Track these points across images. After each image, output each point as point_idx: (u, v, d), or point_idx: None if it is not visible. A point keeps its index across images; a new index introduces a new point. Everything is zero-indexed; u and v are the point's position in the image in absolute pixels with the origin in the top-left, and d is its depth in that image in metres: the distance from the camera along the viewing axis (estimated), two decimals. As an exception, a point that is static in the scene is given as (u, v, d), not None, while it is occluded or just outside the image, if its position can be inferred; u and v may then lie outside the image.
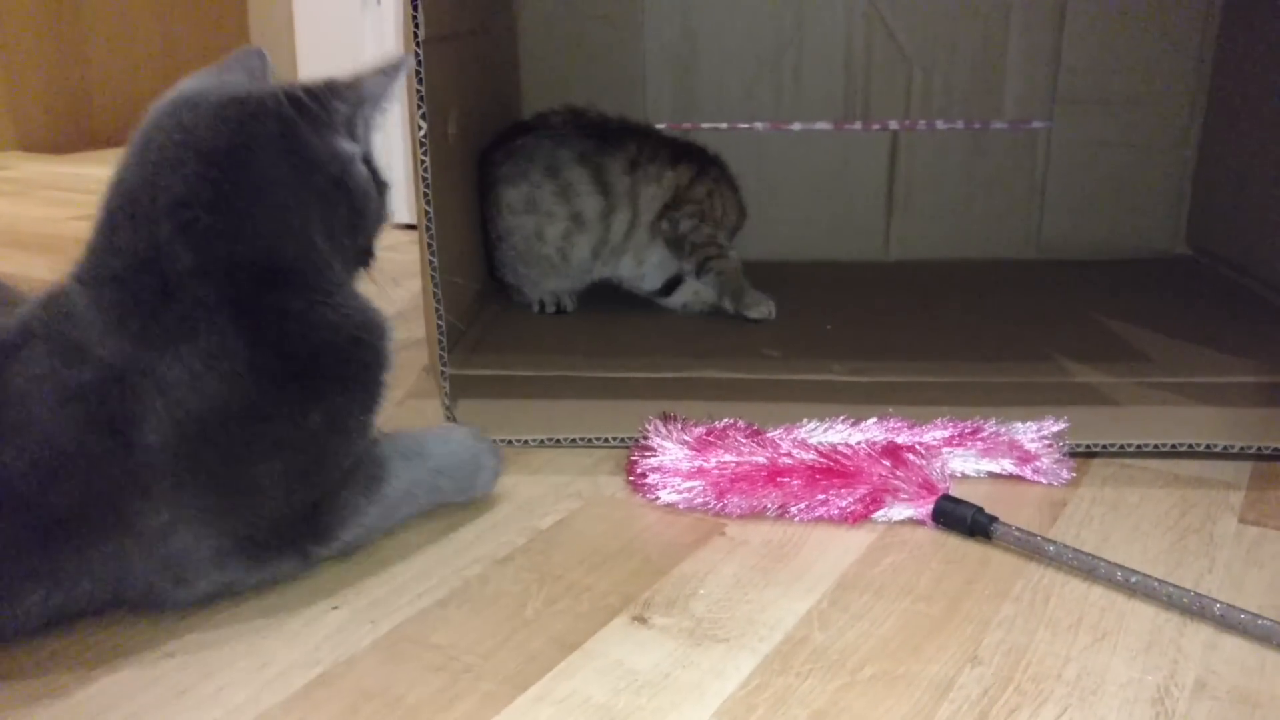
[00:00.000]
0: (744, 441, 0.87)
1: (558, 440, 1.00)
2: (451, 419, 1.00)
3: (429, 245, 0.97)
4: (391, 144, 1.83)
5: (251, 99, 0.73)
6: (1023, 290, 1.50)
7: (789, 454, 0.85)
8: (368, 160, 0.79)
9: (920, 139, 1.59)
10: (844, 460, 0.85)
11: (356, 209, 0.77)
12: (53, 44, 2.89)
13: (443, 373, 1.00)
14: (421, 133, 0.95)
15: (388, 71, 0.78)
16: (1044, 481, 0.92)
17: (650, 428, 0.91)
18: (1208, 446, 0.95)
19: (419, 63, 0.93)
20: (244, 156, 0.71)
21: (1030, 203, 1.61)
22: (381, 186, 0.81)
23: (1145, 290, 1.48)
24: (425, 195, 0.96)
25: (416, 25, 0.92)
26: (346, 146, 0.76)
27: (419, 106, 0.95)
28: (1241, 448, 0.95)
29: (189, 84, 0.75)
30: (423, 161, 0.95)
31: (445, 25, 1.08)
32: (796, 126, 1.60)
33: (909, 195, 1.62)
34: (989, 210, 1.62)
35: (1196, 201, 1.58)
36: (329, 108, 0.75)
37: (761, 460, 0.85)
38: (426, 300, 1.05)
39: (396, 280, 1.58)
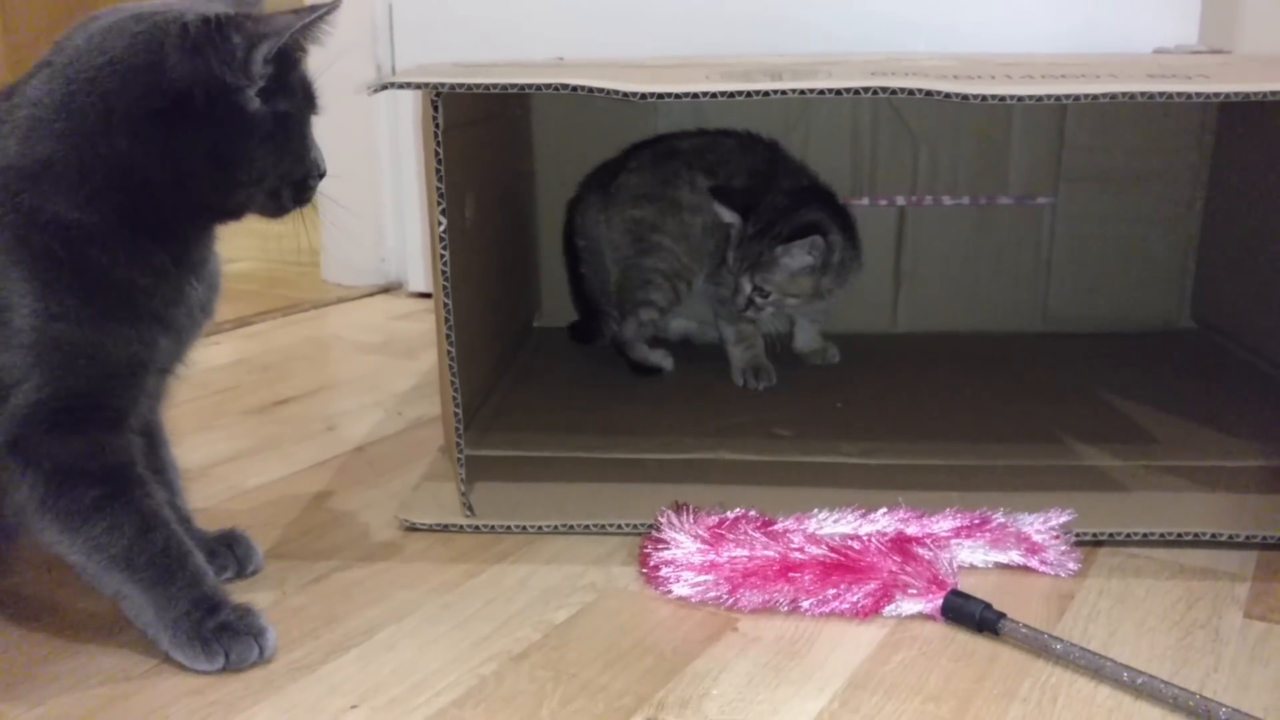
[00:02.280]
0: (756, 535, 0.89)
1: (571, 527, 1.01)
2: (468, 506, 1.02)
3: (447, 336, 0.99)
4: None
5: (157, 17, 0.76)
6: (1029, 364, 1.52)
7: (800, 549, 0.87)
8: (270, 94, 0.78)
9: (926, 214, 1.62)
10: (854, 555, 0.87)
11: (239, 150, 0.78)
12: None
13: (459, 460, 1.02)
14: (442, 228, 0.97)
15: (300, 13, 0.78)
16: (1051, 573, 0.93)
17: (663, 519, 0.92)
18: (1213, 536, 0.96)
19: (439, 159, 0.95)
20: (119, 72, 0.75)
21: (1036, 276, 1.63)
22: (286, 121, 0.80)
23: (1151, 364, 1.50)
24: (445, 288, 0.98)
25: (437, 123, 0.94)
26: (230, 79, 0.76)
27: (439, 200, 0.97)
28: (1247, 537, 0.96)
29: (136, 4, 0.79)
30: (442, 256, 0.97)
31: (463, 113, 1.10)
32: (805, 201, 1.62)
33: (916, 268, 1.64)
34: (995, 283, 1.64)
35: (1200, 276, 1.60)
36: (225, 39, 0.75)
37: (773, 555, 0.87)
38: (443, 384, 1.06)
39: (410, 352, 1.62)
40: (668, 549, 0.90)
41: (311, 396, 1.43)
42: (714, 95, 0.92)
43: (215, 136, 0.77)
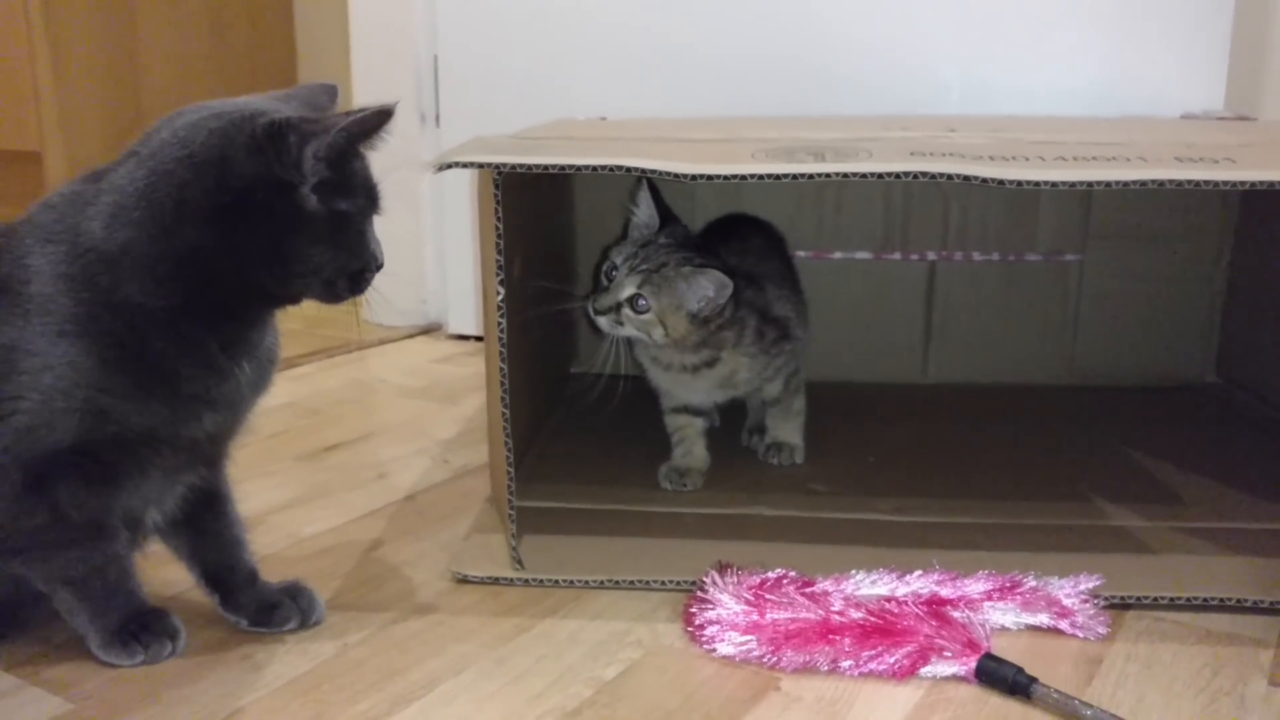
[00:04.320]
0: (797, 597, 0.93)
1: (616, 583, 1.05)
2: (517, 560, 1.06)
3: (502, 399, 1.03)
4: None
5: (233, 115, 0.82)
6: (1057, 418, 1.56)
7: (841, 612, 0.91)
8: (328, 192, 0.84)
9: (956, 269, 1.66)
10: (892, 618, 0.91)
11: (293, 245, 0.83)
12: (108, 61, 2.88)
13: (510, 515, 1.06)
14: (500, 296, 1.02)
15: (352, 113, 0.83)
16: (1081, 636, 0.96)
17: (708, 580, 0.96)
18: (1238, 601, 1.00)
19: (499, 234, 1.00)
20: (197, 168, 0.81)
21: (1064, 331, 1.67)
22: (344, 220, 0.86)
23: (1177, 420, 1.53)
24: (501, 354, 1.02)
25: (497, 199, 0.99)
26: (286, 176, 0.81)
27: (498, 271, 1.02)
28: (1271, 603, 1.00)
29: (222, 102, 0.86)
30: (500, 324, 1.02)
31: (515, 178, 1.15)
32: (837, 255, 1.67)
33: (946, 321, 1.68)
34: (1023, 337, 1.68)
35: (1226, 332, 1.64)
36: (283, 138, 0.81)
37: (814, 617, 0.91)
38: (494, 435, 1.11)
39: (453, 397, 1.66)
40: (712, 609, 0.94)
41: (360, 443, 1.48)
42: (760, 177, 0.97)
43: (274, 231, 0.83)
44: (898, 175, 0.95)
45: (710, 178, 0.97)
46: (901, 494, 1.25)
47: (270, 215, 0.82)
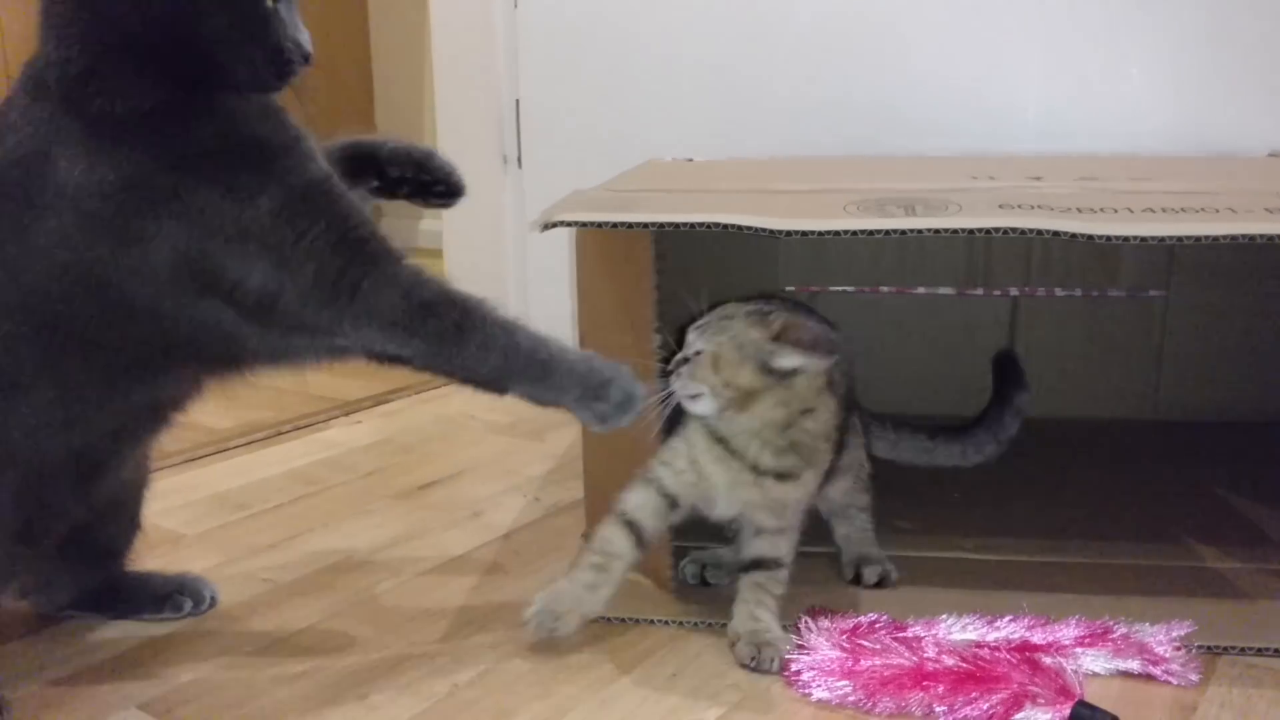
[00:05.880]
0: (891, 643, 0.95)
1: (710, 624, 1.08)
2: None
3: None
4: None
5: None
6: (1141, 453, 1.57)
7: (934, 658, 0.93)
8: None
9: (1039, 304, 1.67)
10: (985, 664, 0.93)
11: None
12: None
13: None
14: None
15: None
16: (1174, 682, 0.98)
17: (803, 625, 0.99)
18: (1330, 650, 1.00)
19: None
20: None
21: (1147, 366, 1.68)
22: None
23: (1263, 457, 1.53)
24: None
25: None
26: None
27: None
28: (1363, 651, 1.00)
29: None
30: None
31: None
32: (921, 290, 1.69)
33: (1029, 356, 1.68)
34: (1107, 372, 1.69)
35: (1313, 367, 1.64)
36: None
37: (907, 663, 0.93)
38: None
39: (538, 434, 1.71)
40: (808, 654, 0.97)
41: (453, 480, 1.53)
42: (853, 233, 1.00)
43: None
44: (988, 231, 0.97)
45: (805, 234, 1.00)
46: (985, 532, 1.27)
47: None
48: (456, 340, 0.90)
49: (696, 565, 1.18)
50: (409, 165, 1.04)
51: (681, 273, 1.64)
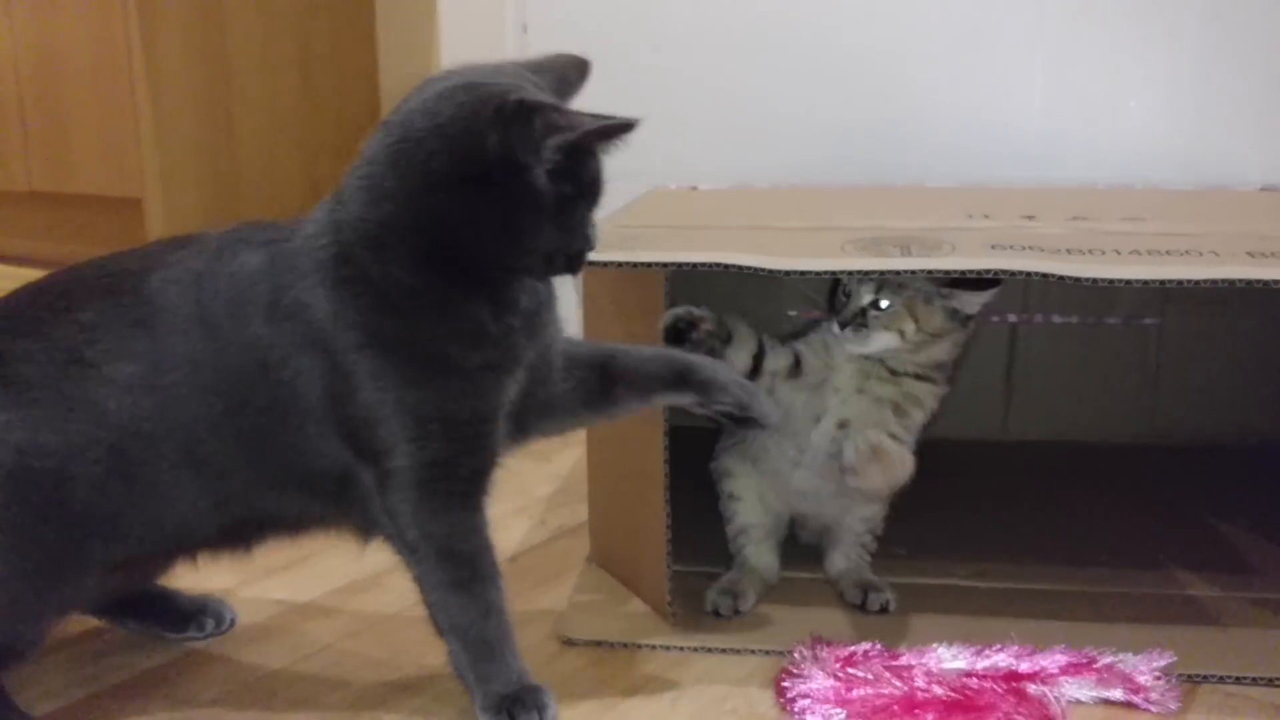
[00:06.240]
0: (883, 672, 0.99)
1: (709, 649, 1.12)
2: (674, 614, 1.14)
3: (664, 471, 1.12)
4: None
5: (481, 90, 0.88)
6: (1136, 477, 1.61)
7: (924, 688, 0.97)
8: (559, 177, 0.88)
9: (1037, 330, 1.71)
10: (973, 694, 0.97)
11: (524, 222, 0.89)
12: (205, 110, 2.90)
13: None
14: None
15: (599, 118, 0.88)
16: (1155, 710, 1.01)
17: (798, 654, 1.03)
18: (1302, 680, 1.04)
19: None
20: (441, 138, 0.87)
21: (1143, 391, 1.71)
22: (569, 203, 0.90)
23: (1254, 481, 1.57)
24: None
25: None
26: (523, 159, 0.86)
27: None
28: (1336, 682, 1.04)
29: (464, 67, 0.94)
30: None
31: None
32: (920, 316, 1.73)
33: (1027, 380, 1.73)
34: (1103, 396, 1.73)
35: (1303, 393, 1.67)
36: (528, 123, 0.85)
37: (898, 692, 0.97)
38: (594, 496, 1.18)
39: (544, 455, 1.74)
40: (803, 681, 1.00)
41: (462, 498, 1.56)
42: (851, 274, 1.04)
43: (507, 206, 0.88)
44: (979, 273, 1.01)
45: (804, 273, 1.04)
46: (979, 558, 1.30)
47: (505, 190, 0.87)
48: (439, 589, 0.98)
49: (729, 597, 1.19)
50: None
51: (688, 300, 1.69)
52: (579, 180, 0.90)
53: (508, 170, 0.87)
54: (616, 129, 0.88)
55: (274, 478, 0.95)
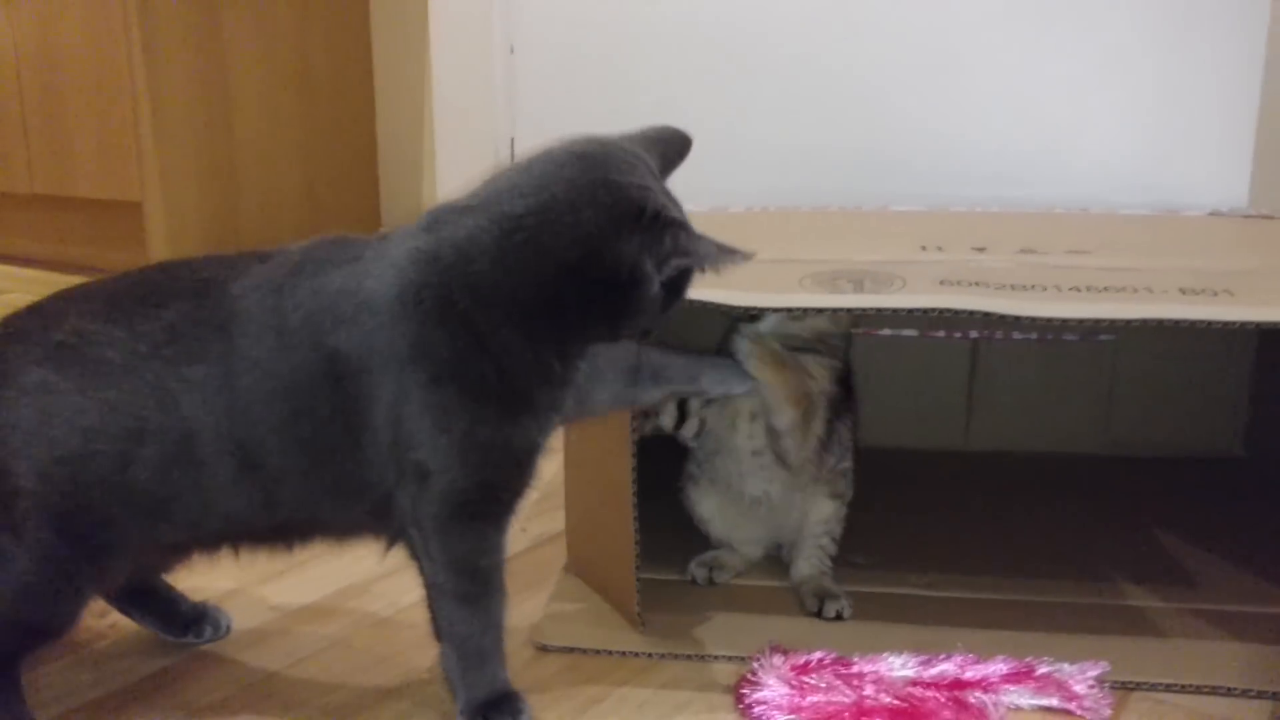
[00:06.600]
0: (834, 682, 1.07)
1: (676, 655, 1.20)
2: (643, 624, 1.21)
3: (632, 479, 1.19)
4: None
5: (621, 194, 0.96)
6: (1091, 488, 1.69)
7: (873, 696, 1.05)
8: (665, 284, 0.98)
9: (997, 346, 1.79)
10: (917, 702, 1.05)
11: (629, 311, 0.99)
12: (204, 117, 2.99)
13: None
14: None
15: (722, 249, 0.97)
16: (1088, 717, 1.09)
17: (757, 663, 1.11)
18: (1229, 690, 1.12)
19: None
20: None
21: (1099, 404, 1.79)
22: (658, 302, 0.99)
23: (1203, 493, 1.65)
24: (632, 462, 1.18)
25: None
26: (648, 268, 0.96)
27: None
28: (1259, 691, 1.11)
29: (599, 143, 1.02)
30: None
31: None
32: (886, 332, 1.81)
33: (987, 393, 1.81)
34: (1060, 409, 1.81)
35: (1253, 408, 1.75)
36: (659, 240, 0.95)
37: (848, 700, 1.05)
38: (571, 504, 1.26)
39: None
40: (760, 689, 1.08)
41: (448, 506, 1.63)
42: (804, 311, 1.11)
43: (620, 295, 0.97)
44: (925, 311, 1.09)
45: (761, 309, 1.12)
46: (935, 568, 1.38)
47: (623, 289, 0.96)
48: (451, 599, 1.04)
49: (705, 569, 1.36)
50: None
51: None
52: (678, 287, 1.01)
53: (633, 275, 0.95)
54: (735, 260, 0.98)
55: (328, 485, 1.01)
